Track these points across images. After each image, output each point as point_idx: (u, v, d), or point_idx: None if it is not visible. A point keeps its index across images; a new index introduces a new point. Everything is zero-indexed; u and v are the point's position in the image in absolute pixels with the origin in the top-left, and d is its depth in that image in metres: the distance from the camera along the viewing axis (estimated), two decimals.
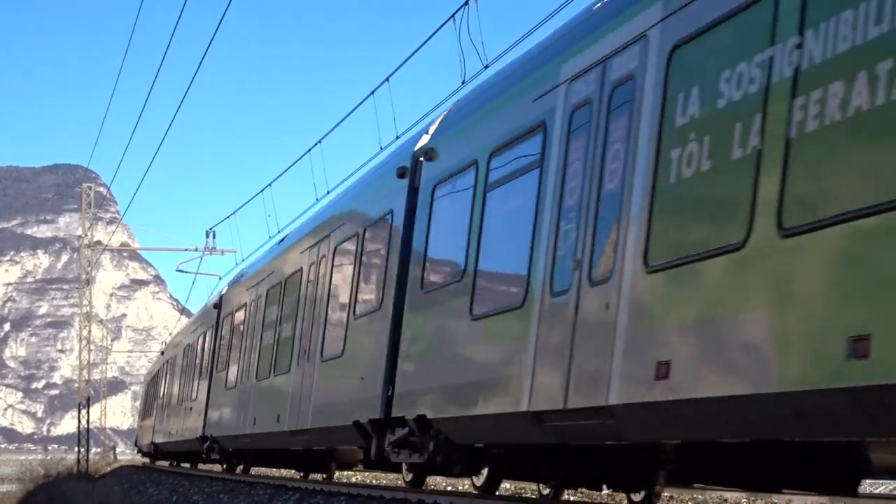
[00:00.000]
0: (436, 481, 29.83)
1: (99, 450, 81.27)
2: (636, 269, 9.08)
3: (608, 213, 9.71)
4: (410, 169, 15.21)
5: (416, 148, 15.36)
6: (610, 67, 10.13)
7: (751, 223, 7.78)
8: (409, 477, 16.35)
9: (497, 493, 14.47)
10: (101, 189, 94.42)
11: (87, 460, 59.04)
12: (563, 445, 11.09)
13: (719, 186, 8.29)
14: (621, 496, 17.53)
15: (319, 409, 17.95)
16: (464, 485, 24.33)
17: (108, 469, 62.74)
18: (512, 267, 11.49)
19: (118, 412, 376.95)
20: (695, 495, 24.00)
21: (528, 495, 19.00)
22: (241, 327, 26.00)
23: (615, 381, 9.16)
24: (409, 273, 14.45)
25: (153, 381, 50.71)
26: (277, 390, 20.96)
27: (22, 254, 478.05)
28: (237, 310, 27.15)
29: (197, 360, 33.13)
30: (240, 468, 30.02)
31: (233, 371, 26.18)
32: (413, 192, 14.99)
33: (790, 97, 7.62)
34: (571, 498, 15.89)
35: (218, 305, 30.30)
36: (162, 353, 48.12)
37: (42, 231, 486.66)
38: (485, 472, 14.18)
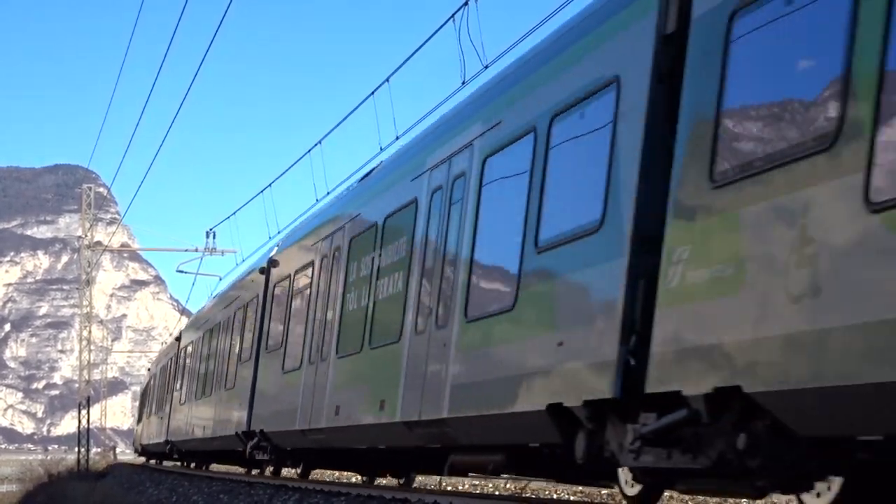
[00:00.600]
0: (434, 480, 29.85)
1: (99, 450, 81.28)
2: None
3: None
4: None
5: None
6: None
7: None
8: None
9: (497, 494, 14.44)
10: (101, 189, 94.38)
11: (88, 460, 59.04)
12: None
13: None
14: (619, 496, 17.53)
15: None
16: (464, 485, 24.32)
17: (106, 465, 62.81)
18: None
19: (118, 412, 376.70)
20: (696, 497, 24.02)
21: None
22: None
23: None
24: None
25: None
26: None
27: (22, 254, 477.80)
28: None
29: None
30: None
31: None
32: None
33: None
34: (571, 498, 15.94)
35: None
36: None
37: (42, 232, 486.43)
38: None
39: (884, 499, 8.56)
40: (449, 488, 25.79)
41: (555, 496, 24.26)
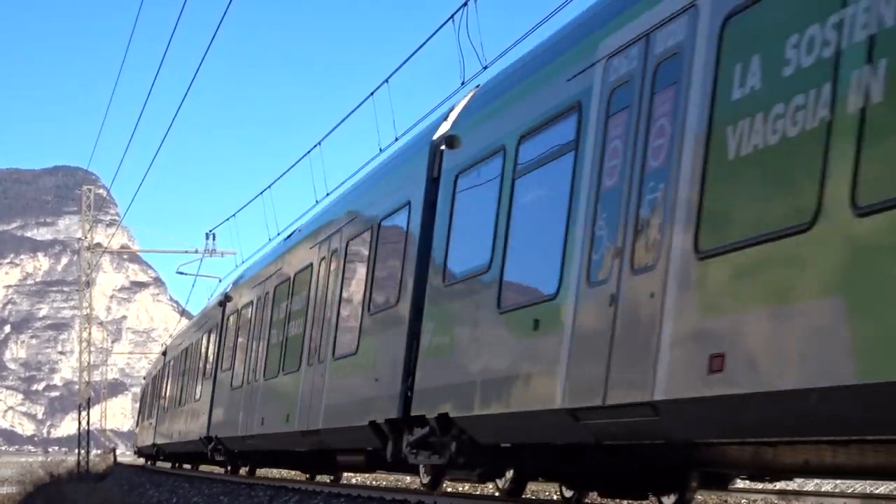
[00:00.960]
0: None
1: (99, 451, 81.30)
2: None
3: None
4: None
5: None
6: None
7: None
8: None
9: (493, 495, 14.44)
10: (100, 191, 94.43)
11: (88, 462, 59.01)
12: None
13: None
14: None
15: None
16: (487, 488, 24.31)
17: (106, 467, 62.76)
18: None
19: (118, 414, 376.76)
20: (696, 497, 23.88)
21: (550, 497, 18.94)
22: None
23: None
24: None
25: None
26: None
27: (22, 256, 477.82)
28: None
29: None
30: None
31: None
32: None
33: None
34: (599, 501, 15.64)
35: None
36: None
37: (42, 233, 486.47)
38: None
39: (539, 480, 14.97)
40: (449, 489, 25.84)
41: (555, 497, 24.19)
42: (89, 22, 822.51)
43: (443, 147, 14.23)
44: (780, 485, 23.68)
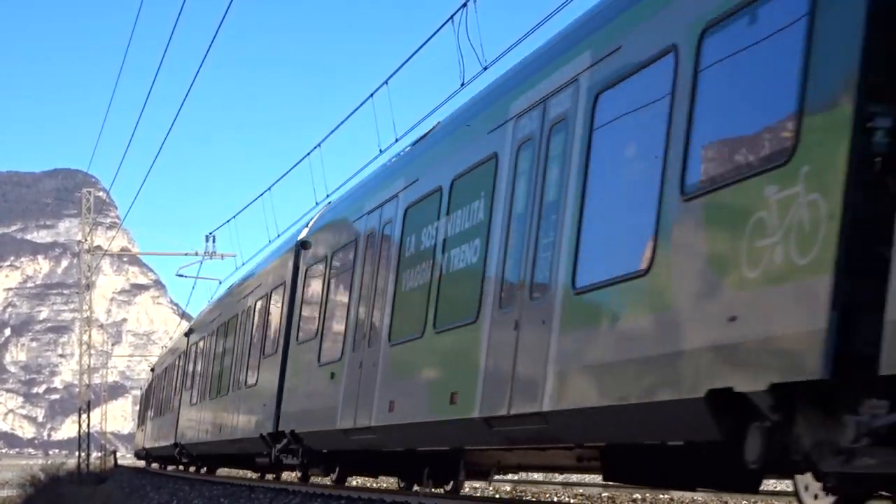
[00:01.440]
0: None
1: (99, 454, 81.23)
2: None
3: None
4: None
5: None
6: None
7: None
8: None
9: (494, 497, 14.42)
10: (100, 194, 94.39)
11: (88, 465, 58.97)
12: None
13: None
14: (623, 497, 18.00)
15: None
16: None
17: (105, 468, 62.81)
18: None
19: (119, 416, 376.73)
20: (695, 497, 23.98)
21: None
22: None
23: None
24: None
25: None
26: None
27: (22, 259, 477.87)
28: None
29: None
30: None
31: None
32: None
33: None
34: (571, 501, 15.89)
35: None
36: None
37: (42, 236, 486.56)
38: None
39: None
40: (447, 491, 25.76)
41: (555, 499, 24.23)
42: (89, 24, 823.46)
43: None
44: (780, 486, 23.65)
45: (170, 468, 48.54)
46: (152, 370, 48.11)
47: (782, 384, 7.41)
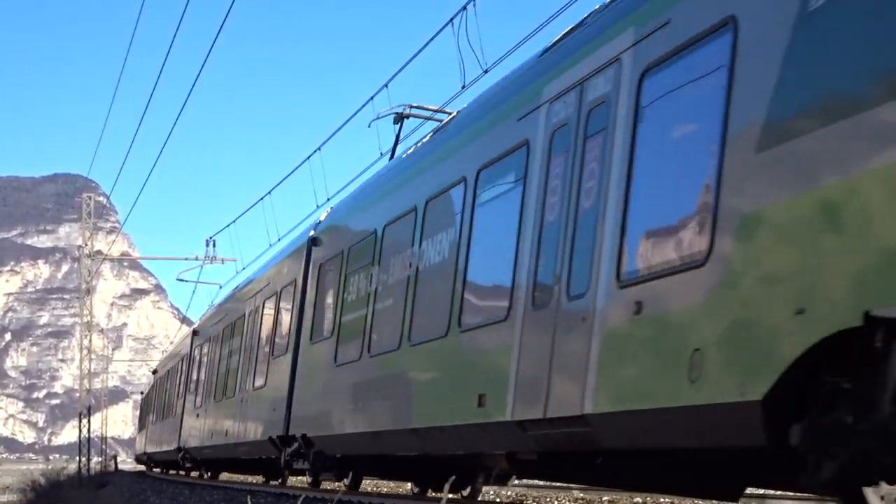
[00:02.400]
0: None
1: (100, 459, 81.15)
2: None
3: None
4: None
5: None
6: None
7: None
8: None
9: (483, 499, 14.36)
10: (100, 198, 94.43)
11: (89, 470, 58.93)
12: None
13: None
14: (624, 500, 18.02)
15: None
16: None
17: (104, 471, 62.76)
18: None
19: (119, 421, 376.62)
20: (696, 501, 23.88)
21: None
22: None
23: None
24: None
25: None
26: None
27: (22, 264, 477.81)
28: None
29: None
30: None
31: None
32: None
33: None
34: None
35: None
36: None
37: (42, 241, 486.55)
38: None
39: None
40: (450, 495, 25.71)
41: (555, 502, 24.15)
42: (89, 29, 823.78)
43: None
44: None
45: (170, 472, 48.00)
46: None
47: None
